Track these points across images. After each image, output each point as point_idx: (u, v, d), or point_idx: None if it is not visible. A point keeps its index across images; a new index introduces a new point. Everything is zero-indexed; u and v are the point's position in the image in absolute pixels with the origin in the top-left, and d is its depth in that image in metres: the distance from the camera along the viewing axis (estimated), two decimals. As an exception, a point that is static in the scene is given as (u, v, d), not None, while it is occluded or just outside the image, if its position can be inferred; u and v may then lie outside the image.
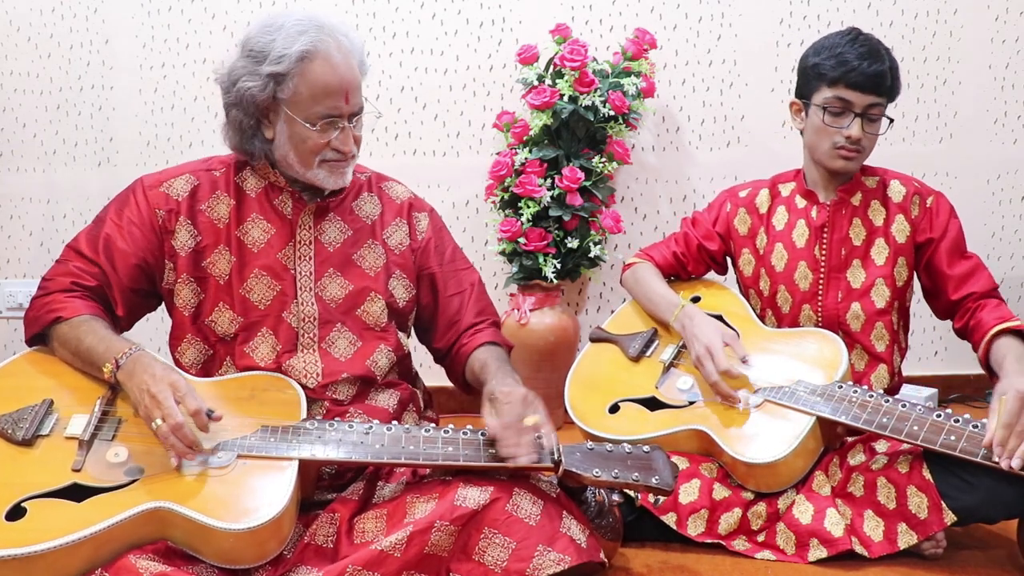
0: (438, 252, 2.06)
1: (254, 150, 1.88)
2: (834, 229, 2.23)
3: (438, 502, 1.66)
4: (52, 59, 3.16)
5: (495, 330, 2.09)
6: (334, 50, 1.79)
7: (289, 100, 1.80)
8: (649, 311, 2.37)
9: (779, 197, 2.32)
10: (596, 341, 2.41)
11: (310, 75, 1.78)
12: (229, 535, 1.58)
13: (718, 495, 2.04)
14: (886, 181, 2.24)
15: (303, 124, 1.80)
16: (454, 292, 2.05)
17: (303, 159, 1.85)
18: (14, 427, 1.70)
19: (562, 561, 1.63)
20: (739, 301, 2.34)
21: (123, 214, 1.89)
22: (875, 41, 2.15)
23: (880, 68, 2.10)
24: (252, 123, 1.85)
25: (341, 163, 1.87)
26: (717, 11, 3.16)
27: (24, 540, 1.51)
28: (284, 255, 1.91)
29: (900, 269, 2.20)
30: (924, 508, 1.92)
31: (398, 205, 2.05)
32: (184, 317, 1.91)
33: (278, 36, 1.78)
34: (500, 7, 3.15)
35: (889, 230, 2.21)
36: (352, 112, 1.84)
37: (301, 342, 1.89)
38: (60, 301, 1.83)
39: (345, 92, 1.81)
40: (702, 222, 2.41)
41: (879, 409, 1.96)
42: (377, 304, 1.95)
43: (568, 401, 2.28)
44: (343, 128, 1.83)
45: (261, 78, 1.78)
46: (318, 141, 1.82)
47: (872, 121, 2.14)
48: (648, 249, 2.48)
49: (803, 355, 2.14)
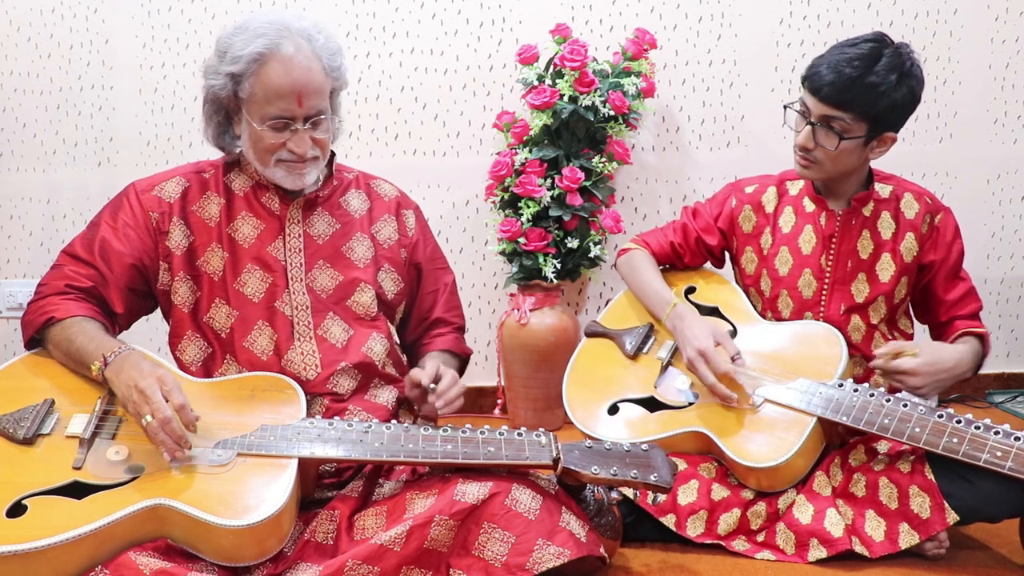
0: (424, 249, 2.12)
1: (226, 146, 1.94)
2: (843, 240, 2.19)
3: (437, 497, 1.67)
4: (52, 59, 3.16)
5: (457, 336, 2.16)
6: (291, 53, 1.81)
7: (247, 100, 1.84)
8: (641, 303, 2.35)
9: (787, 196, 2.27)
10: (592, 335, 2.40)
11: (263, 76, 1.81)
12: (229, 532, 1.58)
13: (717, 495, 2.04)
14: (899, 193, 2.19)
15: (257, 124, 1.84)
16: (430, 290, 2.12)
17: (260, 158, 1.88)
18: (15, 426, 1.71)
19: (562, 555, 1.63)
20: (736, 292, 2.31)
21: (118, 217, 1.93)
22: (882, 55, 2.01)
23: (839, 80, 1.99)
24: (221, 119, 1.91)
25: (297, 164, 1.88)
26: (717, 11, 3.16)
27: (24, 536, 1.52)
28: (274, 248, 1.94)
29: (900, 288, 2.19)
30: (926, 508, 1.92)
31: (387, 202, 2.08)
32: (184, 314, 1.93)
33: (240, 36, 1.82)
34: (500, 7, 3.15)
35: (897, 247, 2.17)
36: (307, 115, 1.84)
37: (297, 330, 1.91)
38: (53, 304, 1.86)
39: (297, 95, 1.81)
40: (703, 214, 2.36)
41: (880, 410, 1.96)
42: (367, 294, 1.98)
43: (566, 401, 2.27)
44: (296, 131, 1.85)
45: (222, 77, 1.83)
46: (271, 142, 1.85)
47: (828, 131, 2.04)
48: (645, 235, 2.44)
49: (802, 350, 2.13)
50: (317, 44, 1.85)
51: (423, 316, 2.13)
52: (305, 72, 1.82)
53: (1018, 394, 3.34)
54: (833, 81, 1.99)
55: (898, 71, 2.00)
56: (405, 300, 2.10)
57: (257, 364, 1.89)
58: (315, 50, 1.84)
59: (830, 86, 2.00)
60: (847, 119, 2.02)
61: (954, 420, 1.90)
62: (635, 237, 2.46)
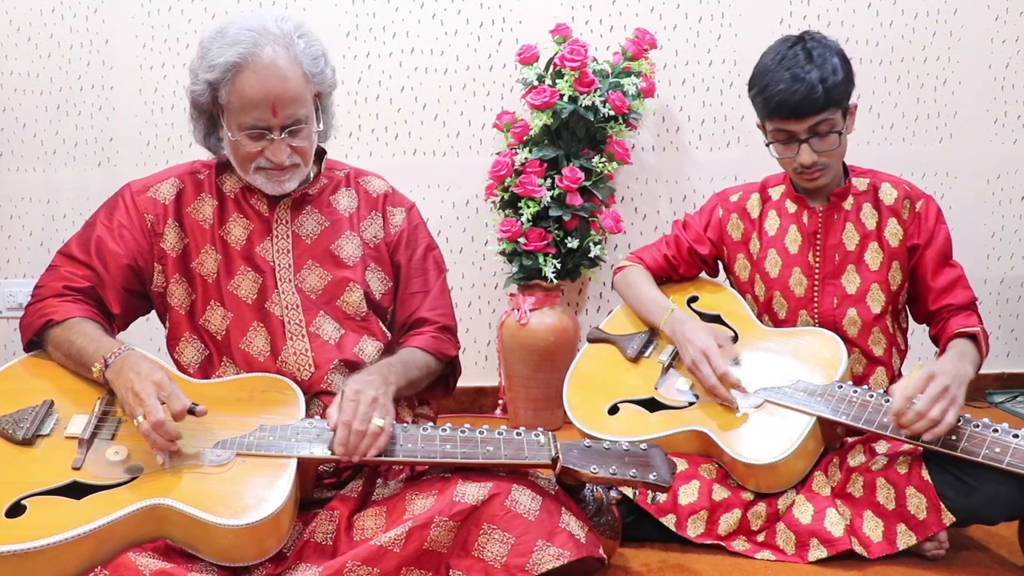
0: (408, 248, 2.05)
1: (213, 147, 1.94)
2: (827, 235, 2.22)
3: (437, 498, 1.67)
4: (52, 59, 3.17)
5: (437, 336, 2.03)
6: (266, 62, 1.78)
7: (225, 107, 1.83)
8: (639, 315, 2.36)
9: (770, 201, 2.31)
10: (594, 342, 2.40)
11: (237, 86, 1.79)
12: (228, 531, 1.58)
13: (718, 496, 2.04)
14: (877, 183, 2.23)
15: (234, 132, 1.83)
16: (417, 290, 2.05)
17: (240, 164, 1.88)
18: (14, 427, 1.71)
19: (561, 556, 1.63)
20: (737, 300, 2.33)
21: (113, 218, 1.93)
22: (808, 50, 2.08)
23: (804, 90, 2.04)
24: (206, 121, 1.90)
25: (276, 172, 1.87)
26: (717, 11, 3.16)
27: (23, 536, 1.51)
28: (263, 249, 1.94)
29: (894, 273, 2.19)
30: (923, 509, 1.92)
31: (374, 199, 2.05)
32: (180, 315, 1.93)
33: (217, 43, 1.80)
34: (500, 7, 3.15)
35: (882, 234, 2.20)
36: (283, 124, 1.82)
37: (288, 329, 1.91)
38: (52, 305, 1.86)
39: (271, 104, 1.78)
40: (693, 226, 2.40)
41: (879, 409, 1.96)
42: (355, 294, 1.96)
43: (567, 402, 2.27)
44: (272, 140, 1.83)
45: (201, 83, 1.83)
46: (249, 150, 1.84)
47: (823, 136, 2.09)
48: (639, 252, 2.46)
49: (802, 355, 2.14)
50: (297, 50, 1.81)
51: (407, 316, 2.05)
52: (280, 82, 1.78)
53: (1018, 394, 3.34)
54: (801, 92, 2.04)
55: (828, 51, 2.09)
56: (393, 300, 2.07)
57: (254, 365, 1.89)
58: (295, 56, 1.81)
59: (804, 99, 2.05)
60: (829, 115, 2.08)
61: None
62: (628, 255, 2.49)
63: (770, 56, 2.13)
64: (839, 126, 2.10)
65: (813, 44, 2.09)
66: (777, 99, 2.07)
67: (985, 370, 3.41)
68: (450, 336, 2.07)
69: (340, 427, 1.70)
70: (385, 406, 1.75)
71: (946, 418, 1.85)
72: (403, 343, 2.01)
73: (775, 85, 2.07)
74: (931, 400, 1.86)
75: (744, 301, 2.32)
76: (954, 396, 1.88)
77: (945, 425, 1.85)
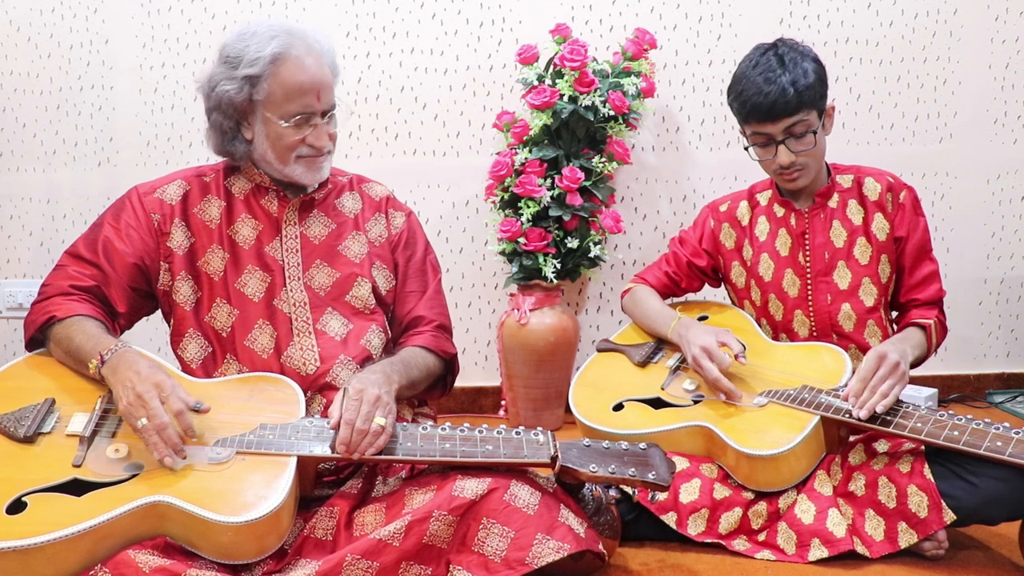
0: (407, 248, 2.11)
1: (235, 151, 1.97)
2: (815, 235, 2.28)
3: (436, 493, 1.68)
4: (52, 59, 3.17)
5: (436, 334, 2.07)
6: (304, 52, 1.89)
7: (264, 100, 1.89)
8: (648, 329, 2.43)
9: (758, 207, 2.38)
10: (603, 351, 2.46)
11: (282, 75, 1.87)
12: (228, 528, 1.58)
13: (719, 495, 2.04)
14: (860, 179, 2.28)
15: (278, 122, 1.89)
16: (414, 289, 2.10)
17: (280, 156, 1.93)
18: (16, 425, 1.71)
19: (561, 548, 1.63)
20: (745, 318, 2.38)
21: (120, 219, 1.96)
22: (780, 56, 2.16)
23: (776, 92, 2.12)
24: (232, 125, 1.94)
25: (316, 158, 1.95)
26: (717, 11, 3.17)
27: (24, 532, 1.51)
28: (272, 248, 1.97)
29: (883, 266, 2.25)
30: (924, 507, 1.92)
31: (376, 202, 2.12)
32: (186, 312, 1.95)
33: (252, 41, 1.88)
34: (500, 7, 3.16)
35: (869, 229, 2.25)
36: (324, 109, 1.92)
37: (296, 326, 1.93)
38: (56, 303, 1.87)
39: (316, 90, 1.90)
40: (688, 240, 2.48)
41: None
42: (364, 288, 2.01)
43: (572, 400, 2.30)
44: (316, 125, 1.92)
45: (237, 81, 1.88)
46: (293, 138, 1.91)
47: (799, 137, 2.16)
48: (642, 273, 2.55)
49: (808, 366, 2.17)
50: (320, 45, 1.94)
51: (404, 315, 2.08)
52: (320, 69, 1.91)
53: (1018, 394, 3.34)
54: (774, 95, 2.13)
55: (800, 56, 2.17)
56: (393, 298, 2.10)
57: (257, 362, 1.90)
58: (321, 49, 1.93)
59: (776, 101, 2.13)
60: (804, 116, 2.15)
61: (955, 418, 1.91)
62: (632, 277, 2.58)
63: (745, 63, 2.22)
64: (815, 126, 2.17)
65: (785, 50, 2.18)
66: (752, 103, 2.15)
67: (985, 370, 3.40)
68: (447, 335, 2.11)
69: (343, 426, 1.72)
70: (388, 405, 1.77)
71: (893, 391, 1.96)
72: (403, 343, 2.04)
73: (749, 90, 2.16)
74: (880, 379, 1.98)
75: (752, 320, 2.37)
76: (903, 371, 2.00)
77: (892, 397, 1.95)
